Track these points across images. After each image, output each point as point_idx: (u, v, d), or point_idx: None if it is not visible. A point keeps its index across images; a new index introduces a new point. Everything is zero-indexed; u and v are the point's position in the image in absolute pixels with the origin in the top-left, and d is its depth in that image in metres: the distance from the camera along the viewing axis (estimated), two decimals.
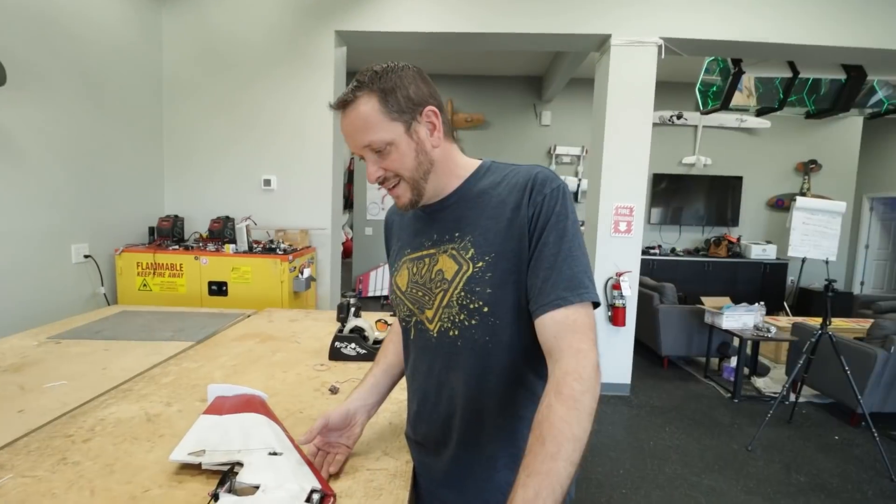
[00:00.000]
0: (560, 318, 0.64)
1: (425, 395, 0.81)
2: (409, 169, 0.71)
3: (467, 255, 0.72)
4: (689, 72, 4.90)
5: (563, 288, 0.65)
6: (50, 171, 2.23)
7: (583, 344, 0.62)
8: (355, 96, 0.68)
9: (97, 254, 2.53)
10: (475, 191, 0.76)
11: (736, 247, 5.88)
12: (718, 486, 2.20)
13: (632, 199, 3.15)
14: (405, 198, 0.74)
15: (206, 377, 1.24)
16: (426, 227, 0.80)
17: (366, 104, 0.68)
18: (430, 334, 0.77)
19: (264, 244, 2.81)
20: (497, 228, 0.71)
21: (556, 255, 0.67)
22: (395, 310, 0.88)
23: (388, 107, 0.68)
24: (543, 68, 5.71)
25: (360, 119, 0.68)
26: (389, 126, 0.68)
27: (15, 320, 2.01)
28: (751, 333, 3.25)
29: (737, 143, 6.06)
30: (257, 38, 3.05)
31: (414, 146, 0.71)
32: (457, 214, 0.76)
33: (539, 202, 0.69)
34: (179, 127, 3.11)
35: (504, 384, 0.74)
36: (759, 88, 4.12)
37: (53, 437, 0.90)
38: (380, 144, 0.69)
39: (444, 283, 0.74)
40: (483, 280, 0.70)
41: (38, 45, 2.15)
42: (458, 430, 0.77)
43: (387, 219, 0.94)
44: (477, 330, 0.72)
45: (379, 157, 0.71)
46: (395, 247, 0.88)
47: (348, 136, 0.71)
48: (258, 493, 0.70)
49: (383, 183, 0.74)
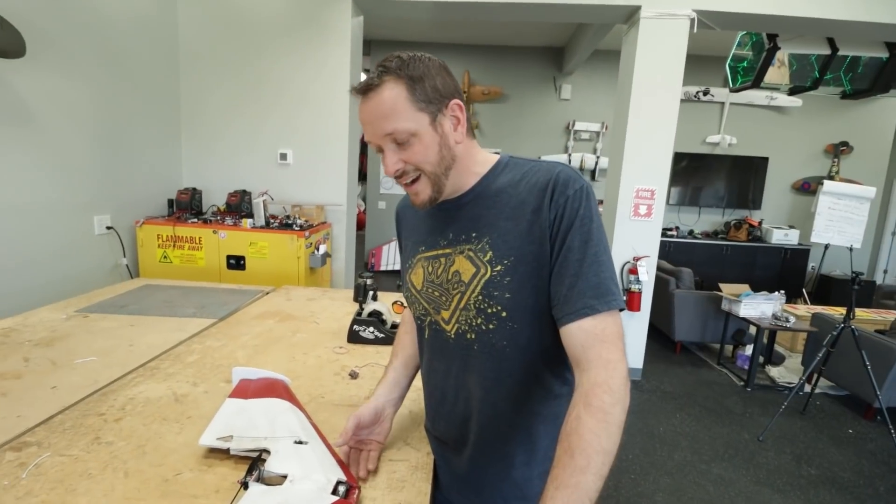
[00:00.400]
0: (588, 328, 0.62)
1: (443, 395, 0.81)
2: (431, 163, 0.68)
3: (485, 258, 0.70)
4: (718, 45, 4.67)
5: (591, 296, 0.63)
6: (71, 143, 2.24)
7: (612, 354, 0.61)
8: (381, 81, 0.65)
9: (119, 225, 2.57)
10: (493, 189, 0.73)
11: (757, 231, 5.75)
12: (727, 476, 2.22)
13: (654, 181, 3.07)
14: (424, 194, 0.71)
15: (229, 357, 1.26)
16: (441, 224, 0.78)
17: (392, 90, 0.65)
18: (446, 335, 0.76)
19: (281, 219, 2.82)
20: (517, 231, 0.68)
21: (581, 261, 0.64)
22: (407, 304, 0.87)
23: (415, 96, 0.65)
24: (565, 39, 5.50)
25: (385, 105, 0.65)
26: (415, 116, 0.66)
27: (41, 291, 2.07)
28: (769, 322, 3.21)
29: (765, 121, 5.83)
30: (273, 6, 2.98)
31: (438, 139, 0.68)
32: (474, 213, 0.73)
33: (562, 204, 0.66)
34: (196, 98, 3.09)
35: (520, 385, 0.74)
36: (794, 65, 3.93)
37: (87, 415, 0.93)
38: (403, 134, 0.66)
39: (461, 285, 0.72)
40: (502, 284, 0.68)
41: (56, 15, 2.11)
42: (475, 431, 0.77)
43: (398, 212, 0.92)
44: (494, 334, 0.71)
45: (399, 148, 0.67)
46: (409, 242, 0.86)
47: (368, 124, 0.67)
48: (286, 482, 0.71)
49: (401, 177, 0.70)
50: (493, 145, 5.93)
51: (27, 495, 0.69)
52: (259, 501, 0.67)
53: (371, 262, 6.26)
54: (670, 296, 3.83)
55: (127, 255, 2.63)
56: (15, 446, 0.81)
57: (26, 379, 1.06)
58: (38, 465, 0.76)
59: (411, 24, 5.20)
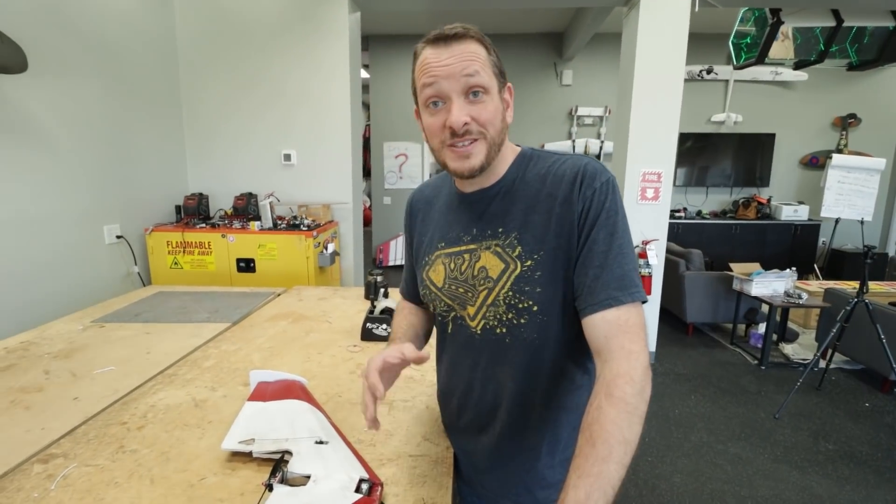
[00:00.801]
0: (612, 318, 0.63)
1: (469, 387, 0.80)
2: (495, 128, 0.68)
3: (514, 254, 0.70)
4: (721, 22, 4.59)
5: (615, 287, 0.63)
6: (77, 155, 2.26)
7: (634, 345, 0.61)
8: (466, 33, 0.65)
9: (128, 234, 2.59)
10: (519, 182, 0.73)
11: (766, 208, 5.68)
12: (745, 455, 2.22)
13: (660, 164, 3.04)
14: (477, 159, 0.68)
15: (245, 360, 1.28)
16: (463, 218, 0.77)
17: (476, 44, 0.66)
18: (472, 331, 0.76)
19: (288, 220, 2.83)
20: (545, 225, 0.68)
21: (606, 253, 0.65)
22: (425, 301, 0.86)
23: (493, 60, 0.68)
24: (564, 24, 5.43)
25: (471, 53, 0.65)
26: (491, 76, 0.67)
27: (56, 302, 2.10)
28: (781, 300, 3.18)
29: (770, 97, 5.74)
30: (269, 6, 2.96)
31: (501, 109, 0.69)
32: (500, 208, 0.73)
33: (589, 196, 0.66)
34: (197, 103, 3.09)
35: (549, 377, 0.74)
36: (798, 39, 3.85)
37: (109, 425, 0.94)
38: (481, 84, 0.65)
39: (489, 281, 0.72)
40: (532, 279, 0.68)
41: (57, 29, 2.12)
42: (503, 421, 0.78)
43: (412, 204, 0.90)
44: (526, 328, 0.71)
45: (470, 103, 0.66)
46: (424, 238, 0.84)
47: (447, 66, 0.64)
48: (309, 483, 0.72)
49: (462, 136, 0.66)
50: None
51: None
52: (284, 503, 0.68)
53: (379, 257, 6.28)
54: (680, 278, 3.81)
55: (138, 262, 2.66)
56: (42, 458, 0.83)
57: (48, 391, 1.08)
58: (65, 476, 0.78)
59: (408, 17, 5.16)
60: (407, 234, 0.91)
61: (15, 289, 1.96)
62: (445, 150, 0.69)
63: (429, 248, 0.82)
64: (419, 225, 0.87)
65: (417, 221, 0.87)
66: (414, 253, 0.88)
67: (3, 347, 1.34)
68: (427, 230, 0.84)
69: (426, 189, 0.89)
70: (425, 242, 0.84)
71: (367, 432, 0.93)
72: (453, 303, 0.77)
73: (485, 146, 0.68)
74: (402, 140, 6.13)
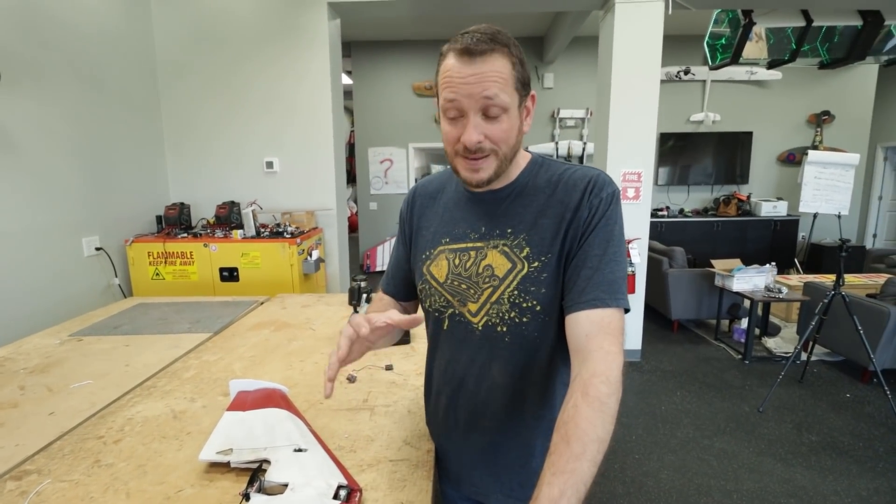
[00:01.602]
0: (596, 319, 0.65)
1: (462, 384, 0.80)
2: (508, 144, 0.69)
3: (522, 254, 0.72)
4: (697, 25, 4.69)
5: (604, 290, 0.66)
6: (54, 166, 2.22)
7: (613, 347, 0.63)
8: (493, 47, 0.64)
9: (108, 245, 2.55)
10: (531, 186, 0.75)
11: (746, 205, 5.80)
12: (730, 449, 2.25)
13: (640, 164, 3.08)
14: (486, 173, 0.70)
15: (226, 370, 1.27)
16: (471, 215, 0.78)
17: (502, 60, 0.65)
18: (472, 327, 0.77)
19: (271, 228, 2.81)
20: (556, 229, 0.71)
21: (601, 257, 0.68)
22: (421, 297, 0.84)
23: (517, 74, 0.66)
24: (544, 28, 5.50)
25: (495, 71, 0.64)
26: (512, 93, 0.66)
27: (35, 317, 2.06)
28: (762, 295, 3.24)
29: (747, 96, 5.87)
30: (248, 14, 2.96)
31: (518, 123, 0.70)
32: (510, 209, 0.75)
33: (595, 205, 0.70)
34: (177, 112, 3.06)
35: (545, 376, 0.76)
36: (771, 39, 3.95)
37: (86, 439, 0.93)
38: (500, 105, 0.65)
39: (494, 279, 0.73)
40: (538, 280, 0.71)
41: (30, 38, 2.09)
42: (497, 418, 0.78)
43: (415, 195, 0.89)
44: (528, 327, 0.73)
45: (486, 120, 0.66)
46: (426, 232, 0.84)
47: (468, 85, 0.64)
48: (287, 491, 0.72)
49: (474, 151, 0.67)
50: None
51: None
52: None
53: (366, 263, 6.26)
54: (664, 276, 3.86)
55: (118, 274, 2.62)
56: (15, 475, 0.81)
57: (23, 407, 1.06)
58: (38, 492, 0.76)
59: (389, 24, 5.18)
60: (404, 226, 0.90)
61: None
62: (458, 158, 0.70)
63: (431, 242, 0.82)
64: (420, 219, 0.86)
65: (417, 215, 0.87)
66: (412, 246, 0.87)
67: None
68: (430, 224, 0.84)
69: (430, 183, 0.89)
70: (427, 237, 0.84)
71: (348, 438, 0.93)
72: (453, 298, 0.78)
73: (495, 161, 0.69)
74: (386, 145, 6.13)
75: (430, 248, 0.82)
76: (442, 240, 0.81)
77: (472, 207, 0.78)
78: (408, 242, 0.89)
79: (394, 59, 5.85)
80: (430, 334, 0.88)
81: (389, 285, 0.95)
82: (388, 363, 1.28)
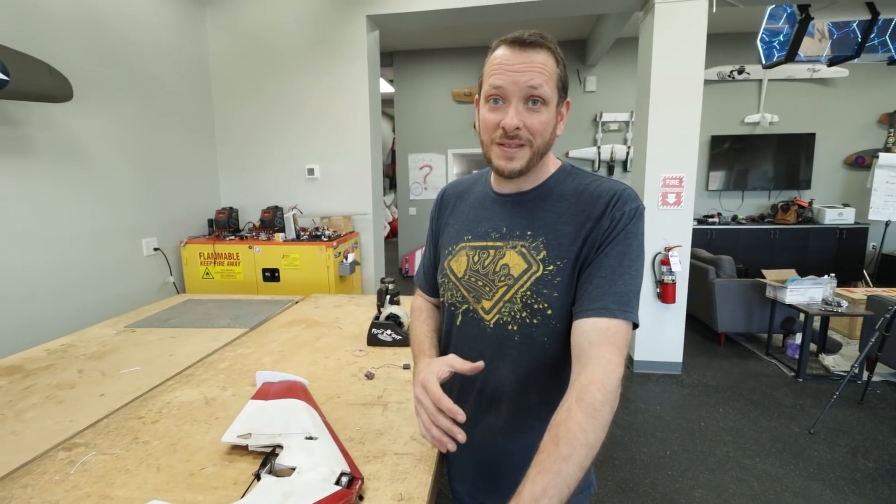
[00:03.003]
0: (602, 327, 0.66)
1: (470, 381, 0.82)
2: (543, 138, 0.72)
3: (538, 256, 0.74)
4: (751, 21, 4.45)
5: (613, 300, 0.67)
6: (117, 174, 2.45)
7: (614, 357, 0.64)
8: (543, 43, 0.69)
9: (165, 246, 2.77)
10: (556, 192, 0.77)
11: (807, 212, 5.40)
12: (774, 471, 2.11)
13: (681, 168, 2.97)
14: (519, 163, 0.72)
15: (256, 363, 1.35)
16: (494, 216, 0.81)
17: (549, 56, 0.69)
18: (484, 324, 0.79)
19: (310, 231, 2.95)
20: (574, 236, 0.72)
21: (615, 268, 0.69)
22: (440, 290, 0.87)
23: (560, 73, 0.71)
24: (586, 31, 5.41)
25: (540, 62, 0.68)
26: (553, 90, 0.70)
27: (98, 309, 2.27)
28: (818, 308, 3.02)
29: (808, 96, 5.49)
30: (293, 29, 3.13)
31: (554, 122, 0.73)
32: (532, 212, 0.77)
33: (617, 217, 0.71)
34: (228, 122, 3.28)
35: (551, 381, 0.77)
36: (834, 34, 3.69)
37: (128, 419, 1.03)
38: (542, 95, 0.69)
39: (510, 278, 0.75)
40: (552, 284, 0.72)
41: (98, 57, 2.33)
42: (502, 418, 0.80)
43: (444, 195, 0.93)
44: (537, 329, 0.74)
45: (527, 110, 0.70)
46: (451, 229, 0.87)
47: (516, 72, 0.68)
48: (294, 474, 0.77)
49: (512, 138, 0.71)
50: None
51: (74, 488, 0.79)
52: (268, 490, 0.73)
53: (405, 266, 6.37)
54: (710, 285, 3.68)
55: (173, 273, 2.84)
56: (66, 447, 0.92)
57: (79, 388, 1.19)
58: (84, 462, 0.86)
59: (429, 33, 5.29)
60: (433, 224, 0.95)
61: (66, 298, 2.14)
62: (494, 146, 0.74)
63: (455, 238, 0.86)
64: (448, 217, 0.90)
65: (446, 213, 0.91)
66: (439, 242, 0.91)
67: (45, 349, 1.48)
68: (455, 222, 0.88)
69: (459, 184, 0.93)
70: (451, 233, 0.87)
71: (358, 431, 0.97)
72: (469, 294, 0.80)
73: (529, 153, 0.72)
74: (426, 151, 6.23)
75: (453, 243, 0.85)
76: (465, 236, 0.84)
77: (497, 208, 0.81)
78: (436, 239, 0.93)
79: (434, 66, 5.96)
80: (444, 329, 0.90)
81: (420, 279, 1.00)
82: (406, 363, 1.32)
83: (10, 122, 1.90)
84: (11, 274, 1.92)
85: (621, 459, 2.22)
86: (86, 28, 2.25)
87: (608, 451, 2.29)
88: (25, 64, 1.77)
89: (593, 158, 5.85)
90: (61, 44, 2.11)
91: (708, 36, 2.87)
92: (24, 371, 1.31)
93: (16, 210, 1.94)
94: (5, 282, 1.89)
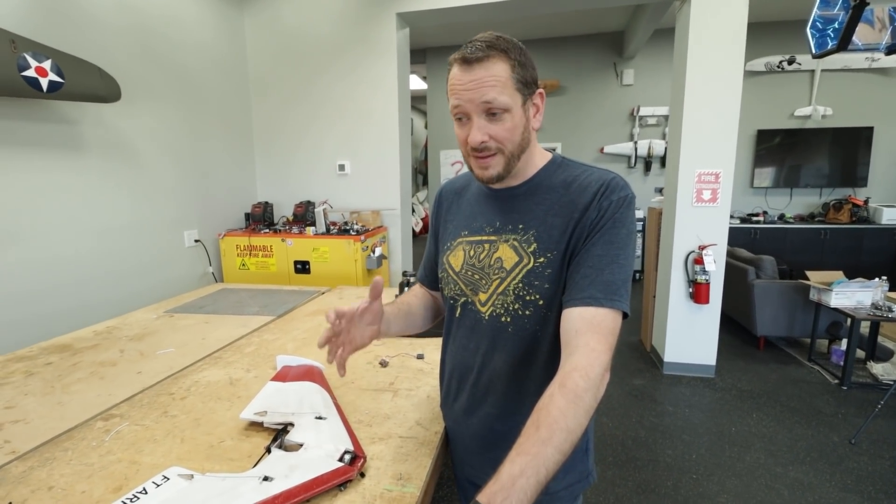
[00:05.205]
0: (588, 316, 0.67)
1: (467, 370, 0.86)
2: (513, 143, 0.73)
3: (529, 249, 0.76)
4: (803, 8, 4.20)
5: (600, 290, 0.68)
6: (163, 170, 2.61)
7: (599, 345, 0.65)
8: (489, 53, 0.69)
9: (204, 238, 2.93)
10: (546, 185, 0.78)
11: (862, 211, 5.05)
12: (807, 480, 2.01)
13: (718, 163, 2.85)
14: (494, 170, 0.74)
15: (279, 348, 1.42)
16: (488, 211, 0.83)
17: (499, 65, 0.69)
18: (480, 316, 0.81)
19: (340, 226, 3.04)
20: (563, 227, 0.74)
21: (602, 257, 0.70)
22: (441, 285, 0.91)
23: (516, 76, 0.71)
24: (623, 23, 5.26)
25: (491, 76, 0.69)
26: (513, 94, 0.70)
27: (142, 296, 2.43)
28: (866, 313, 2.84)
29: (866, 87, 5.12)
30: (324, 28, 3.22)
31: (523, 122, 0.73)
32: (524, 206, 0.79)
33: (605, 207, 0.71)
34: (265, 120, 3.42)
35: (544, 369, 0.78)
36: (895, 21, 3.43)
37: (160, 395, 1.12)
38: (500, 107, 0.69)
39: (502, 271, 0.77)
40: (543, 275, 0.74)
41: (143, 59, 2.48)
42: (497, 406, 0.82)
43: (441, 194, 0.96)
44: (529, 320, 0.76)
45: (489, 121, 0.71)
46: (450, 225, 0.91)
47: (468, 91, 0.70)
48: (301, 449, 0.82)
49: (480, 151, 0.73)
50: (552, 140, 5.83)
51: (108, 454, 0.87)
52: (276, 463, 0.79)
53: None
54: (750, 287, 3.52)
55: (212, 263, 2.99)
56: (104, 417, 1.01)
57: (119, 366, 1.29)
58: (118, 431, 0.95)
59: (457, 29, 5.28)
60: (433, 221, 0.98)
61: (113, 285, 2.31)
62: (471, 158, 0.76)
63: (453, 234, 0.89)
64: (446, 213, 0.94)
65: (444, 210, 0.94)
66: (439, 239, 0.95)
67: (93, 330, 1.61)
68: (453, 218, 0.91)
69: (457, 181, 0.96)
70: (450, 229, 0.91)
71: (367, 414, 1.01)
72: (466, 288, 0.83)
73: (503, 159, 0.74)
74: (457, 148, 6.24)
75: (452, 239, 0.88)
76: (462, 232, 0.86)
77: (490, 203, 0.83)
78: (436, 235, 0.96)
79: None
80: (446, 321, 0.94)
81: (422, 274, 1.04)
82: (420, 353, 1.36)
83: (65, 120, 2.06)
84: (64, 261, 2.09)
85: (644, 460, 2.18)
86: (132, 32, 2.41)
87: (630, 450, 2.25)
88: (78, 67, 1.92)
89: (630, 154, 5.70)
90: (110, 47, 2.27)
91: (755, 24, 2.75)
92: (73, 349, 1.43)
93: (70, 202, 2.10)
94: (59, 269, 2.06)
